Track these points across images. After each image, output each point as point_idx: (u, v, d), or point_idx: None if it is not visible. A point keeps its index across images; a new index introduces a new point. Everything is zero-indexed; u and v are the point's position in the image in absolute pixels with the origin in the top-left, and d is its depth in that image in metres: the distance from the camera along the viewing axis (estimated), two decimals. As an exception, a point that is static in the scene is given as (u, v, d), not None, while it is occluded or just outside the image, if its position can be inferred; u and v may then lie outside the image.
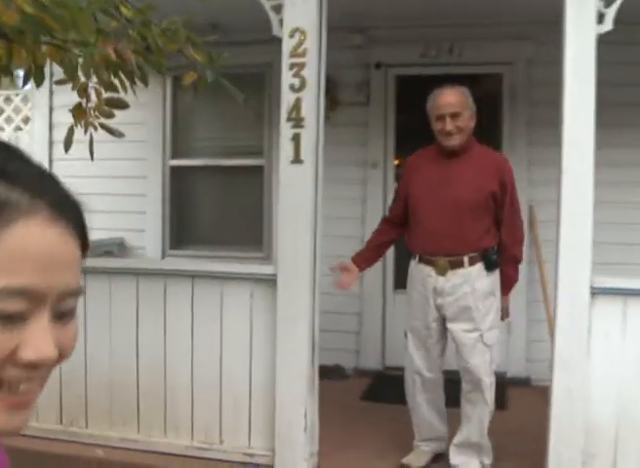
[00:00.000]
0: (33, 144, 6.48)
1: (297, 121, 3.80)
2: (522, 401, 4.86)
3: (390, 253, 5.08)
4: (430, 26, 5.48)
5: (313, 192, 3.80)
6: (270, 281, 3.88)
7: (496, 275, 3.66)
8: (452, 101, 3.64)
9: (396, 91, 5.65)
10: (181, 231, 6.27)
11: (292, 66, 3.82)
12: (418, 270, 3.75)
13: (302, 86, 3.79)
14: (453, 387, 3.82)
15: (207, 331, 3.99)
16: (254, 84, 5.92)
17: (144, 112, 6.05)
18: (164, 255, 6.17)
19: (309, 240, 3.80)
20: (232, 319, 4.00)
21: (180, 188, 6.24)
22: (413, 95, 5.56)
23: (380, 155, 5.63)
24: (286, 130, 3.82)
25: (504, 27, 5.29)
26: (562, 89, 3.45)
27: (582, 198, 3.40)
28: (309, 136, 3.78)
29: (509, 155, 4.72)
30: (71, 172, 5.06)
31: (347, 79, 5.67)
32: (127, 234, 6.32)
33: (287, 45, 3.81)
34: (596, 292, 3.43)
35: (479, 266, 3.58)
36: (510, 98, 5.38)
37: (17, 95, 7.23)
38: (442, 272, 3.59)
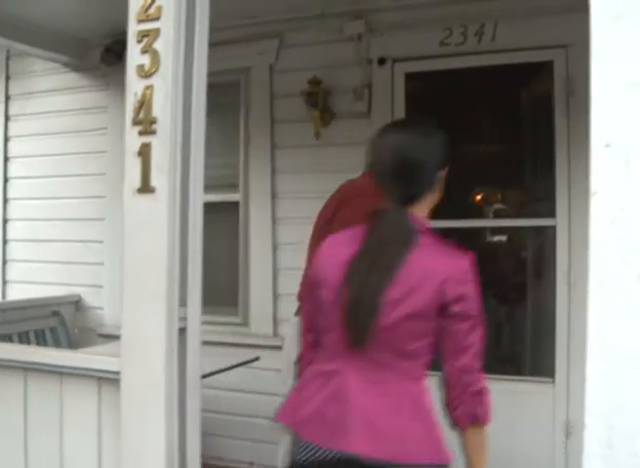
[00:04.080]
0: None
1: (145, 124, 2.31)
2: None
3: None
4: (451, 2, 3.87)
5: (170, 242, 2.28)
6: (114, 381, 2.39)
7: None
8: None
9: (407, 94, 4.02)
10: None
11: (140, 37, 2.34)
12: None
13: (155, 67, 2.30)
14: None
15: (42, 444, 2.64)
16: (224, 97, 4.49)
17: (104, 138, 4.76)
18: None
19: (164, 320, 2.28)
20: (76, 433, 2.60)
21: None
22: (429, 98, 3.99)
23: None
24: (131, 139, 2.34)
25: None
26: None
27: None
28: (166, 148, 2.29)
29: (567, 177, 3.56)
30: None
31: (343, 83, 4.17)
32: (85, 290, 4.97)
33: (134, 2, 2.35)
34: None
35: None
36: (566, 96, 3.65)
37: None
38: None
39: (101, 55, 4.67)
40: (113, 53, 4.50)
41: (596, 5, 1.84)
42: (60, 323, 4.80)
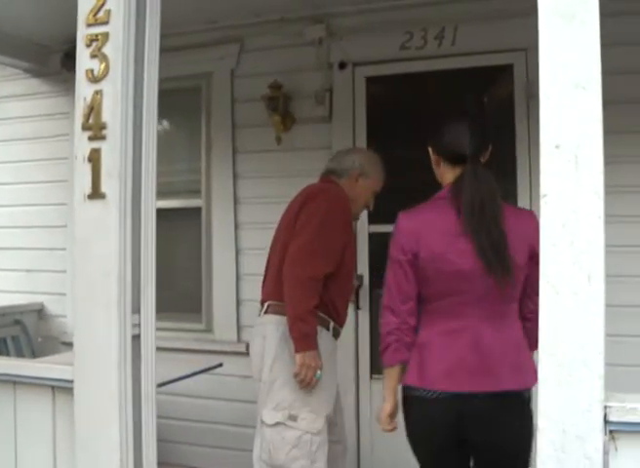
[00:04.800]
0: None
1: (95, 129, 2.29)
2: None
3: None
4: (411, 7, 3.88)
5: (121, 248, 2.25)
6: (68, 389, 2.37)
7: None
8: None
9: (368, 98, 4.02)
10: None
11: (89, 41, 2.32)
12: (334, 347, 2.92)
13: (104, 72, 2.28)
14: None
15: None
16: (185, 102, 4.48)
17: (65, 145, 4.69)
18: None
19: (116, 327, 2.25)
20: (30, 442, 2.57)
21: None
22: (390, 102, 4.01)
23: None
24: (81, 145, 2.32)
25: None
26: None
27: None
28: (116, 153, 2.27)
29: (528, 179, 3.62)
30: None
31: (304, 87, 4.17)
32: (48, 298, 4.90)
33: (83, 5, 2.33)
34: None
35: None
36: (526, 99, 3.68)
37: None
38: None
39: (62, 60, 4.63)
40: (73, 58, 4.44)
41: (544, 4, 1.84)
42: (22, 331, 4.74)
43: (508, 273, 2.18)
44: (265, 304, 2.93)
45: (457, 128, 2.38)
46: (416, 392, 2.28)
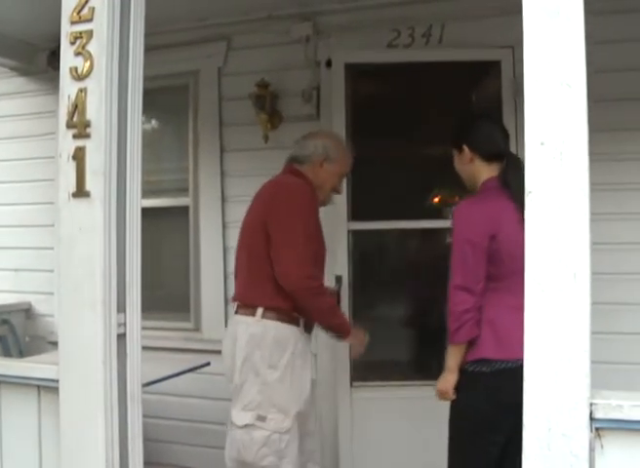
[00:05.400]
0: None
1: (79, 127, 2.27)
2: None
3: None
4: (398, 4, 3.87)
5: (106, 246, 2.24)
6: (54, 389, 2.35)
7: None
8: None
9: (355, 96, 4.01)
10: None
11: (73, 38, 2.30)
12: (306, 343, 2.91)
13: (88, 69, 2.27)
14: None
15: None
16: (172, 100, 4.46)
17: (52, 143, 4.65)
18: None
19: (101, 326, 2.24)
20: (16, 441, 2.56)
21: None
22: (377, 100, 4.00)
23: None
24: (65, 143, 2.30)
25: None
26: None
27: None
28: (101, 151, 2.25)
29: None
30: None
31: (291, 85, 4.15)
32: (36, 298, 4.87)
33: (67, 3, 2.31)
34: None
35: None
36: (513, 96, 3.68)
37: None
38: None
39: (48, 58, 4.61)
40: (60, 56, 4.43)
41: (529, 1, 1.83)
42: (9, 331, 4.72)
43: None
44: (235, 304, 2.93)
45: (491, 126, 2.67)
46: (494, 365, 2.42)
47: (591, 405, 1.74)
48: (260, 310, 2.78)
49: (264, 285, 2.78)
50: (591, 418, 1.74)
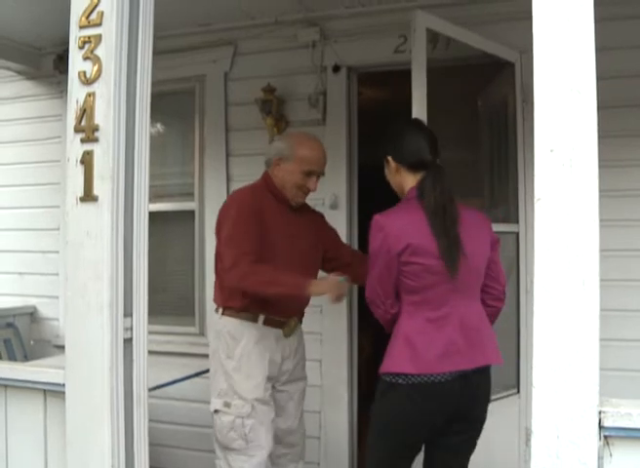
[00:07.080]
0: None
1: (87, 131, 2.27)
2: None
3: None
4: (405, 10, 3.86)
5: (113, 251, 2.24)
6: (60, 393, 2.35)
7: None
8: (324, 159, 3.05)
9: (361, 101, 4.03)
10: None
11: (82, 43, 2.31)
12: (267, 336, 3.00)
13: (97, 74, 2.27)
14: None
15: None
16: (179, 105, 4.46)
17: (58, 147, 4.67)
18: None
19: (108, 330, 2.24)
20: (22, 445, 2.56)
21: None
22: (383, 105, 4.00)
23: (341, 191, 4.02)
24: (74, 147, 2.30)
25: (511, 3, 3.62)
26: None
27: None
28: (109, 155, 2.25)
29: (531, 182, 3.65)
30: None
31: (298, 90, 4.16)
32: (41, 301, 4.88)
33: (76, 7, 2.31)
34: None
35: None
36: (521, 103, 3.67)
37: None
38: (290, 333, 3.05)
39: (55, 62, 4.62)
40: (66, 60, 4.43)
41: (539, 8, 1.83)
42: (14, 334, 4.72)
43: (456, 271, 2.38)
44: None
45: (417, 135, 2.55)
46: (410, 378, 2.37)
47: (600, 413, 1.73)
48: (220, 309, 2.99)
49: (222, 287, 2.98)
50: (600, 426, 1.73)
